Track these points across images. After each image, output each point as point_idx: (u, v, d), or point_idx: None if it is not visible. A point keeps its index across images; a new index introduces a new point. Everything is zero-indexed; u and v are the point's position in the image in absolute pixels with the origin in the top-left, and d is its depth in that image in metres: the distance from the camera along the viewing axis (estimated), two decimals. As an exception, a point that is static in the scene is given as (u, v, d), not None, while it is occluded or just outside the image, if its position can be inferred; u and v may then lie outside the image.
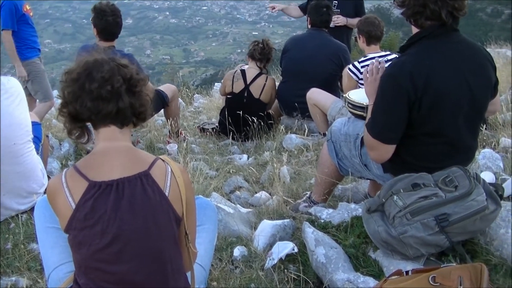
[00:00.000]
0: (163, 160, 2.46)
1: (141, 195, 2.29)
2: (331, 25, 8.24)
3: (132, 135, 2.72)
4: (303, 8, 8.70)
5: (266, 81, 7.01)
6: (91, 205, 2.24)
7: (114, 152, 2.38)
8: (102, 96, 2.30)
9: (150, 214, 2.31)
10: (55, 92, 8.13)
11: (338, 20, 8.35)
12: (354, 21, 8.46)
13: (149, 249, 2.32)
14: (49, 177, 4.48)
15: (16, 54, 7.60)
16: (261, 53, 7.06)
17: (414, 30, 3.36)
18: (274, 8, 8.98)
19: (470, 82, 3.24)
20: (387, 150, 3.36)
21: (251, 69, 7.06)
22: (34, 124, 4.39)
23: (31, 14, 8.14)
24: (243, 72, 7.07)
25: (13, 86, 4.11)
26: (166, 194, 2.35)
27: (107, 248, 2.25)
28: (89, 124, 2.47)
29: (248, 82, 6.98)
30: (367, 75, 3.71)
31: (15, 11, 7.68)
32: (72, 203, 2.26)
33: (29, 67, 7.64)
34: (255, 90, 6.95)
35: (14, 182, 4.07)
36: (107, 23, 5.83)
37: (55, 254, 2.67)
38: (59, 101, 2.49)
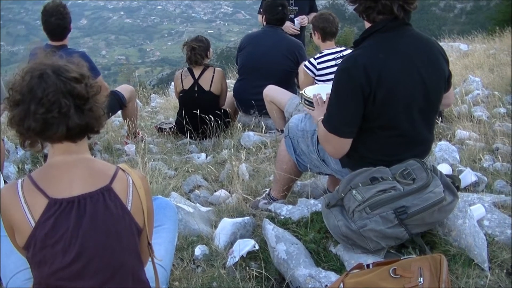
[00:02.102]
0: (123, 170, 2.40)
1: (103, 211, 2.24)
2: (297, 26, 8.30)
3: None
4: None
5: (214, 72, 6.99)
6: (52, 223, 2.17)
7: (72, 166, 2.30)
8: (49, 121, 2.20)
9: (112, 229, 2.26)
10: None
11: (304, 21, 8.40)
12: (311, 16, 8.56)
13: (112, 264, 2.28)
14: (5, 182, 4.41)
15: None
16: (190, 58, 7.02)
17: (367, 25, 3.38)
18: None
19: (423, 75, 3.27)
20: (344, 144, 3.37)
21: (197, 67, 7.04)
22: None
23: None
24: (189, 69, 7.05)
25: None
26: (128, 208, 2.31)
27: (69, 267, 2.20)
28: None
29: (196, 77, 6.95)
30: (314, 105, 3.80)
31: None
32: (31, 220, 2.17)
33: None
34: (204, 83, 6.93)
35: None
36: (51, 24, 5.77)
37: (11, 262, 2.60)
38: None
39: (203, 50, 7.00)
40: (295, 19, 8.30)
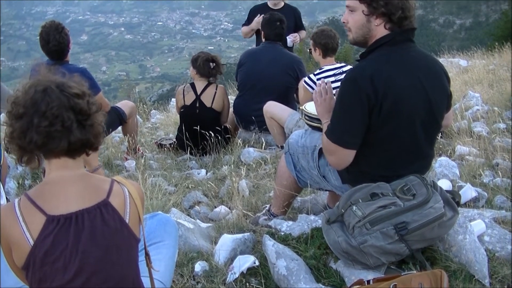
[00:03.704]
0: (118, 182, 2.40)
1: (101, 226, 2.24)
2: (289, 44, 8.32)
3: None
4: (246, 25, 8.94)
5: (216, 89, 7.00)
6: (51, 241, 2.16)
7: (68, 182, 2.30)
8: (52, 135, 2.21)
9: (111, 243, 2.26)
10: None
11: (296, 39, 8.44)
12: (302, 35, 8.64)
13: (113, 277, 2.27)
14: (7, 199, 4.40)
15: None
16: (210, 72, 7.04)
17: (376, 34, 3.37)
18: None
19: (428, 90, 3.28)
20: (347, 155, 3.35)
21: (200, 81, 7.05)
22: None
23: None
24: (192, 84, 7.07)
25: None
26: (127, 220, 2.31)
27: (70, 283, 2.19)
28: None
29: (198, 93, 6.97)
30: (317, 97, 3.74)
31: None
32: (30, 239, 2.16)
33: None
34: (206, 99, 6.94)
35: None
36: (48, 49, 5.82)
37: (11, 278, 2.58)
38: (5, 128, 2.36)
39: (219, 66, 7.06)
40: (287, 37, 8.29)
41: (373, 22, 3.32)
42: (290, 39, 8.36)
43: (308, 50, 6.98)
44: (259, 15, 8.41)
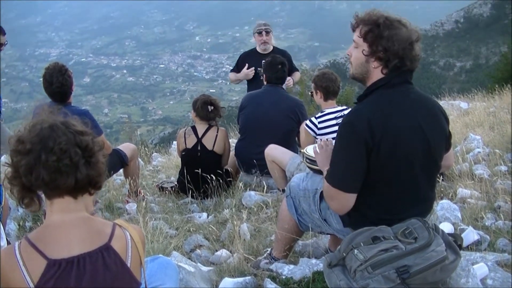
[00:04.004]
0: (120, 226, 2.40)
1: (103, 270, 2.23)
2: (283, 86, 8.38)
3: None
4: (236, 70, 9.04)
5: (217, 132, 7.03)
6: (52, 285, 2.16)
7: (70, 225, 2.29)
8: (60, 170, 2.21)
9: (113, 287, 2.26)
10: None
11: (289, 83, 8.50)
12: (295, 77, 8.72)
13: None
14: (7, 241, 4.39)
15: None
16: (208, 115, 7.08)
17: (373, 77, 3.39)
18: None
19: (426, 132, 3.30)
20: (348, 199, 3.35)
21: (201, 124, 7.09)
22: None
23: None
24: (193, 127, 7.11)
25: None
26: (128, 264, 2.31)
27: None
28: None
29: (199, 136, 6.99)
30: (318, 150, 3.79)
31: None
32: (30, 283, 2.15)
33: None
34: (207, 142, 6.97)
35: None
36: (51, 91, 5.89)
37: None
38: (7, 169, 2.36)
39: (218, 109, 7.10)
40: None
41: (371, 64, 3.37)
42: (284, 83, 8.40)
43: (310, 93, 7.01)
44: (247, 64, 8.53)
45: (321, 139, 3.85)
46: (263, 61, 7.87)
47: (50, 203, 2.32)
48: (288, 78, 8.45)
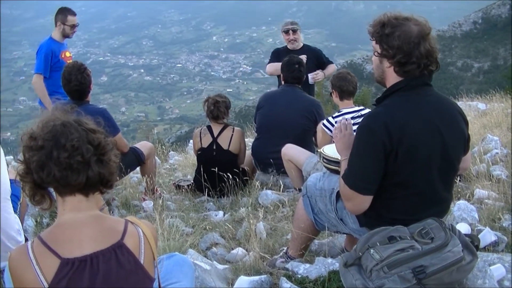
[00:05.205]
0: (132, 223, 2.41)
1: (116, 268, 2.24)
2: (310, 81, 8.32)
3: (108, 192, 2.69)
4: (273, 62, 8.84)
5: (233, 132, 7.05)
6: (66, 284, 2.16)
7: (81, 224, 2.30)
8: (72, 167, 2.22)
9: (126, 286, 2.26)
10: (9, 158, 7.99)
11: (317, 76, 8.41)
12: (328, 71, 8.60)
13: None
14: (25, 238, 4.41)
15: (47, 99, 7.56)
16: (212, 112, 7.10)
17: (390, 80, 3.40)
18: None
19: (443, 134, 3.29)
20: (364, 201, 3.36)
21: (216, 124, 7.11)
22: (13, 182, 4.30)
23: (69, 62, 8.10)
24: (209, 127, 7.15)
25: None
26: (141, 261, 2.32)
27: None
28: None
29: (215, 135, 7.02)
30: (337, 133, 3.76)
31: (51, 57, 7.65)
32: (44, 282, 2.16)
33: None
34: (223, 141, 7.00)
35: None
36: (70, 89, 5.92)
37: None
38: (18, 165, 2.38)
39: (225, 107, 7.09)
40: (308, 75, 8.32)
41: (384, 64, 3.38)
42: (311, 76, 8.35)
43: (329, 93, 6.99)
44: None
45: (340, 121, 3.81)
46: None
47: (62, 201, 2.33)
48: (316, 71, 8.40)
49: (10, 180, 4.22)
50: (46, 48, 7.92)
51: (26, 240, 4.30)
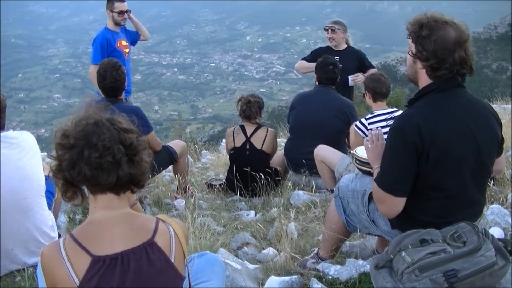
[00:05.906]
0: (163, 221, 2.42)
1: (147, 266, 2.26)
2: (350, 83, 8.28)
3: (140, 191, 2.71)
4: (308, 61, 8.80)
5: (267, 132, 7.08)
6: (97, 281, 2.18)
7: (113, 222, 2.32)
8: (102, 167, 2.24)
9: (157, 284, 2.28)
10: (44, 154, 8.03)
11: (357, 78, 8.35)
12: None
13: None
14: (59, 234, 4.47)
15: None
16: (245, 111, 7.11)
17: (422, 82, 3.39)
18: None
19: (476, 137, 3.27)
20: (397, 203, 3.35)
21: (249, 124, 7.13)
22: (47, 178, 4.36)
23: (126, 51, 8.19)
24: (242, 126, 7.18)
25: (25, 140, 4.12)
26: (172, 260, 2.33)
27: None
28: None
29: (248, 135, 7.04)
30: (368, 144, 3.76)
31: (107, 46, 7.72)
32: (76, 279, 2.18)
33: None
34: (256, 141, 7.03)
35: (23, 236, 4.05)
36: (105, 85, 5.97)
37: None
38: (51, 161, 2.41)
39: (258, 107, 7.10)
40: (348, 76, 8.30)
41: (418, 64, 3.37)
42: (351, 78, 8.31)
43: (362, 95, 6.97)
44: None
45: (371, 130, 3.81)
46: (336, 57, 7.84)
47: (94, 199, 2.36)
48: (357, 74, 8.36)
49: (44, 176, 4.28)
50: (101, 38, 7.97)
51: (59, 236, 4.36)
